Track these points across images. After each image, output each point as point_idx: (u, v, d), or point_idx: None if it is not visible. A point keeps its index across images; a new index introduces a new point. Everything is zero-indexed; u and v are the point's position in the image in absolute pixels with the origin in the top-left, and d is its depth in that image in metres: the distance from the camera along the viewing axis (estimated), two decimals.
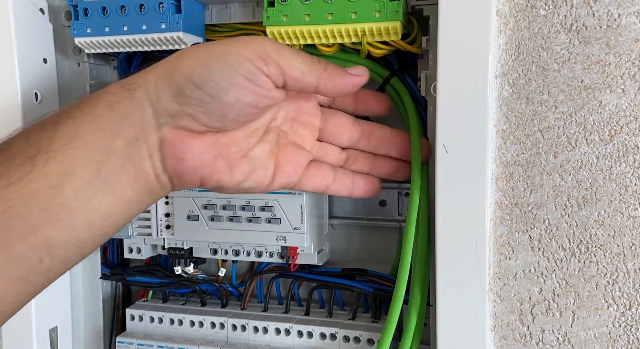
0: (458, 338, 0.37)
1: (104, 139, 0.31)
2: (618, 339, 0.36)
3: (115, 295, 0.56)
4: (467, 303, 0.37)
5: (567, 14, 0.35)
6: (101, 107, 0.32)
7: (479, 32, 0.35)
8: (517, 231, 0.38)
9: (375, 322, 0.48)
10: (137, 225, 0.51)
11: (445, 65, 0.36)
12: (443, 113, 0.36)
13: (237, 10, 0.45)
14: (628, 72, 0.34)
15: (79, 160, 0.30)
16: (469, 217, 0.36)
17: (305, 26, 0.39)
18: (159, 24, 0.42)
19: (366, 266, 0.50)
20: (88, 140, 0.31)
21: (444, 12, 0.35)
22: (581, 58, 0.35)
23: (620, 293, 0.36)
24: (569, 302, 0.37)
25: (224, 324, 0.50)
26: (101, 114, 0.31)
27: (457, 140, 0.36)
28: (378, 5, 0.38)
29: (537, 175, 0.37)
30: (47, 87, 0.47)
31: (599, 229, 0.36)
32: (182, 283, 0.53)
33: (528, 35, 0.36)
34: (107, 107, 0.32)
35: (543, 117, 0.36)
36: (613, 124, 0.35)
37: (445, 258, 0.37)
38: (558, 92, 0.36)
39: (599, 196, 0.36)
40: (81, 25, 0.44)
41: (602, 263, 0.36)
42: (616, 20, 0.34)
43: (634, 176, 0.35)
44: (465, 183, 0.36)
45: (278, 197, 0.47)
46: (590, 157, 0.36)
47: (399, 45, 0.40)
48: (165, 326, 0.52)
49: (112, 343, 0.55)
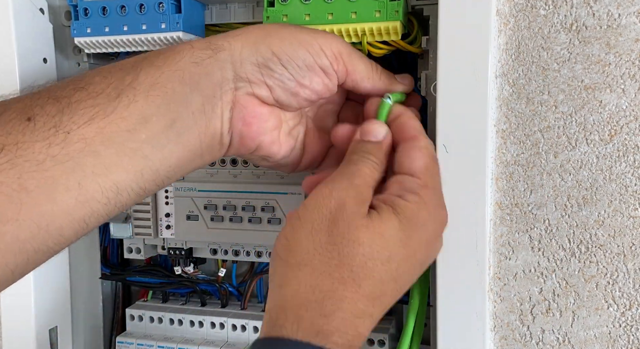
0: (458, 338, 0.37)
1: (184, 92, 0.32)
2: (618, 339, 0.36)
3: (115, 295, 0.56)
4: (467, 303, 0.37)
5: (567, 14, 0.35)
6: (185, 61, 0.33)
7: (479, 32, 0.35)
8: (517, 231, 0.38)
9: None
10: (137, 225, 0.51)
11: (445, 65, 0.36)
12: (443, 113, 0.36)
13: (237, 10, 0.45)
14: (628, 72, 0.34)
15: (158, 108, 0.31)
16: (469, 217, 0.36)
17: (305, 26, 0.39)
18: (159, 24, 0.42)
19: None
20: (169, 90, 0.32)
21: (444, 12, 0.35)
22: (581, 58, 0.35)
23: (620, 293, 0.36)
24: (569, 302, 0.37)
25: (224, 324, 0.50)
26: (185, 68, 0.32)
27: (457, 140, 0.36)
28: (378, 5, 0.38)
29: (537, 175, 0.37)
30: None
31: (599, 229, 0.36)
32: (182, 283, 0.53)
33: (528, 35, 0.36)
34: (191, 62, 0.33)
35: (543, 117, 0.36)
36: (613, 124, 0.35)
37: (445, 258, 0.37)
38: (558, 92, 0.36)
39: (599, 196, 0.36)
40: (81, 25, 0.44)
41: (602, 263, 0.36)
42: (616, 20, 0.34)
43: (634, 176, 0.35)
44: (465, 183, 0.36)
45: (278, 197, 0.47)
46: (590, 157, 0.36)
47: (399, 45, 0.40)
48: (165, 326, 0.52)
49: (112, 343, 0.55)
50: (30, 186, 0.28)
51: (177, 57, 0.33)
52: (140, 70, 0.32)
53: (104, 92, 0.30)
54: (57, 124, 0.29)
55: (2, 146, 0.27)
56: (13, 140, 0.28)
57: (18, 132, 0.28)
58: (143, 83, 0.31)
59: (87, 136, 0.29)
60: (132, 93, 0.31)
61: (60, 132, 0.29)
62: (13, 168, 0.27)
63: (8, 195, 0.27)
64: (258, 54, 0.34)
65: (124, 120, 0.30)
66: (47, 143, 0.28)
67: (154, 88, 0.31)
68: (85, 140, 0.29)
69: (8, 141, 0.28)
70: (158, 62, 0.32)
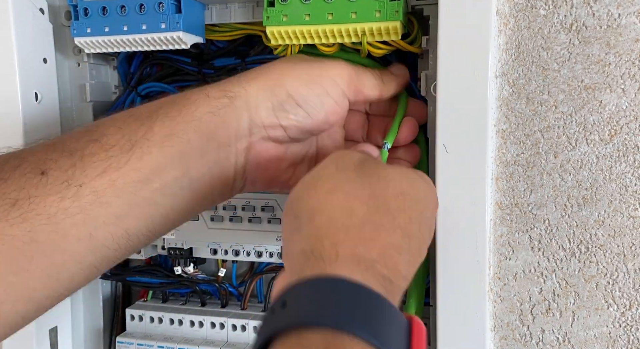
0: (458, 338, 0.37)
1: (200, 141, 0.32)
2: (618, 339, 0.36)
3: (115, 295, 0.56)
4: (467, 303, 0.37)
5: (567, 14, 0.35)
6: (201, 111, 0.33)
7: (479, 32, 0.35)
8: (517, 231, 0.38)
9: None
10: None
11: (445, 65, 0.36)
12: (443, 113, 0.36)
13: (237, 10, 0.45)
14: (628, 72, 0.34)
15: (172, 158, 0.32)
16: (469, 217, 0.36)
17: (305, 26, 0.39)
18: (159, 24, 0.42)
19: None
20: (184, 140, 0.32)
21: (444, 12, 0.35)
22: (581, 58, 0.35)
23: (620, 293, 0.36)
24: (569, 302, 0.37)
25: (224, 324, 0.50)
26: (201, 118, 0.33)
27: (457, 140, 0.36)
28: (378, 5, 0.38)
29: (537, 175, 0.37)
30: (47, 87, 0.47)
31: (599, 229, 0.36)
32: (182, 283, 0.53)
33: (528, 35, 0.36)
34: (207, 111, 0.33)
35: (543, 117, 0.36)
36: (613, 124, 0.35)
37: (445, 258, 0.37)
38: (558, 92, 0.36)
39: (599, 196, 0.36)
40: (81, 25, 0.44)
41: (602, 263, 0.36)
42: (616, 20, 0.34)
43: (634, 176, 0.35)
44: (465, 183, 0.36)
45: (278, 197, 0.47)
46: (590, 157, 0.36)
47: (399, 45, 0.40)
48: (165, 326, 0.52)
49: (112, 343, 0.55)
50: (40, 239, 0.28)
51: (192, 107, 0.33)
52: (155, 120, 0.32)
53: (117, 144, 0.31)
54: (70, 178, 0.29)
55: (15, 200, 0.28)
56: (26, 195, 0.28)
57: (31, 186, 0.29)
58: (157, 134, 0.32)
59: (98, 189, 0.30)
60: (145, 144, 0.31)
61: (73, 186, 0.29)
62: (24, 222, 0.28)
63: (19, 248, 0.28)
64: (274, 97, 0.34)
65: (137, 171, 0.31)
66: (60, 197, 0.29)
67: (169, 139, 0.32)
68: (97, 193, 0.30)
69: (21, 195, 0.28)
70: (173, 112, 0.33)
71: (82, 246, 0.30)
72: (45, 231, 0.28)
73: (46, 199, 0.29)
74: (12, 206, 0.28)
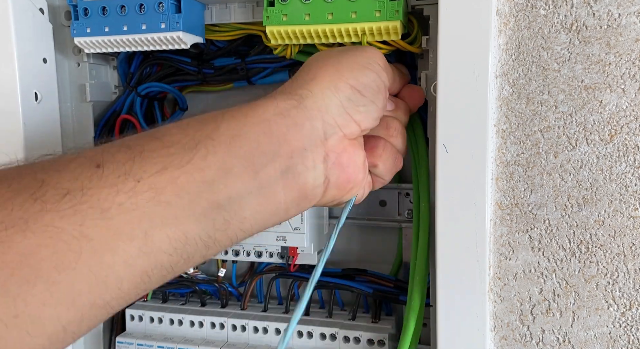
0: (458, 338, 0.37)
1: (270, 144, 0.30)
2: (618, 340, 0.36)
3: None
4: (467, 303, 0.37)
5: (567, 14, 0.35)
6: (270, 112, 0.31)
7: (479, 32, 0.35)
8: (517, 231, 0.38)
9: (375, 322, 0.48)
10: None
11: (445, 65, 0.36)
12: (443, 113, 0.36)
13: (237, 10, 0.45)
14: (628, 71, 0.34)
15: (239, 160, 0.29)
16: (469, 217, 0.36)
17: (305, 26, 0.39)
18: (159, 24, 0.42)
19: (366, 266, 0.50)
20: (253, 141, 0.30)
21: (444, 12, 0.35)
22: (581, 58, 0.35)
23: (621, 293, 0.36)
24: (569, 302, 0.37)
25: (224, 324, 0.50)
26: (270, 119, 0.31)
27: (457, 140, 0.36)
28: (378, 5, 0.38)
29: (537, 175, 0.37)
30: (47, 87, 0.47)
31: (599, 229, 0.36)
32: (182, 283, 0.53)
33: (528, 35, 0.36)
34: (276, 112, 0.31)
35: (543, 117, 0.36)
36: (613, 124, 0.35)
37: (445, 258, 0.37)
38: (558, 92, 0.36)
39: (599, 196, 0.36)
40: (81, 25, 0.44)
41: (602, 263, 0.36)
42: (616, 20, 0.34)
43: (634, 176, 0.35)
44: (465, 183, 0.36)
45: None
46: (590, 157, 0.36)
47: (399, 45, 0.40)
48: (165, 326, 0.52)
49: (112, 343, 0.55)
50: (91, 234, 0.26)
51: (259, 110, 0.31)
52: (221, 121, 0.30)
53: (180, 142, 0.29)
54: (127, 172, 0.27)
55: (67, 191, 0.26)
56: (79, 186, 0.26)
57: (85, 178, 0.27)
58: (224, 134, 0.30)
59: (158, 186, 0.27)
60: (211, 144, 0.29)
61: (130, 180, 0.27)
62: (75, 214, 0.26)
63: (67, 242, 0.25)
64: (340, 93, 0.33)
65: (201, 171, 0.28)
66: (115, 190, 0.27)
67: (237, 140, 0.30)
68: (156, 190, 0.27)
69: (74, 186, 0.26)
70: (238, 115, 0.31)
71: (134, 247, 0.27)
72: (98, 226, 0.26)
73: (100, 192, 0.26)
74: (64, 197, 0.26)
